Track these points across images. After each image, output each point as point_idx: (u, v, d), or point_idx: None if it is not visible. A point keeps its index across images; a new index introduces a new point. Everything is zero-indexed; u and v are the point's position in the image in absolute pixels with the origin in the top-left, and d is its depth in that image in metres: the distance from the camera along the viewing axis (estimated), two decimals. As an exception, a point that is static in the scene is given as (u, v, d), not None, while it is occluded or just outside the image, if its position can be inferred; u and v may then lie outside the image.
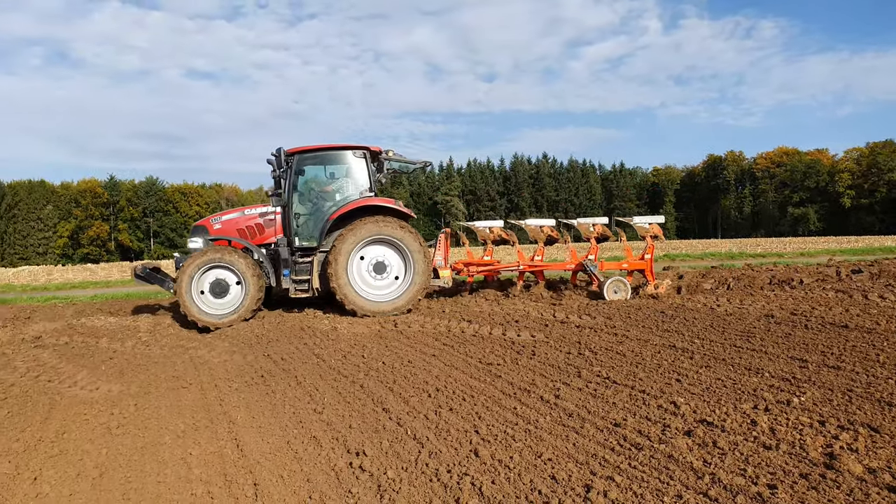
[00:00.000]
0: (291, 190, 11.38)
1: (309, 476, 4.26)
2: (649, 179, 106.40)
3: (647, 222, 12.37)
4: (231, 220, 11.70)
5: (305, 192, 11.75)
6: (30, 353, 8.59)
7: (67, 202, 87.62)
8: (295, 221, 11.43)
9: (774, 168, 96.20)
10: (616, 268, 12.60)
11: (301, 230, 11.47)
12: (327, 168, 12.09)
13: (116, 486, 4.16)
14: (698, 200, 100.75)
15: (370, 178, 11.50)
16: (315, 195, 11.82)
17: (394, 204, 11.41)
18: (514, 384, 6.12)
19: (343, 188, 11.75)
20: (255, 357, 8.07)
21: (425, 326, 9.54)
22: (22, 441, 5.06)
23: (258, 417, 5.57)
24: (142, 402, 6.17)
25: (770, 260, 23.08)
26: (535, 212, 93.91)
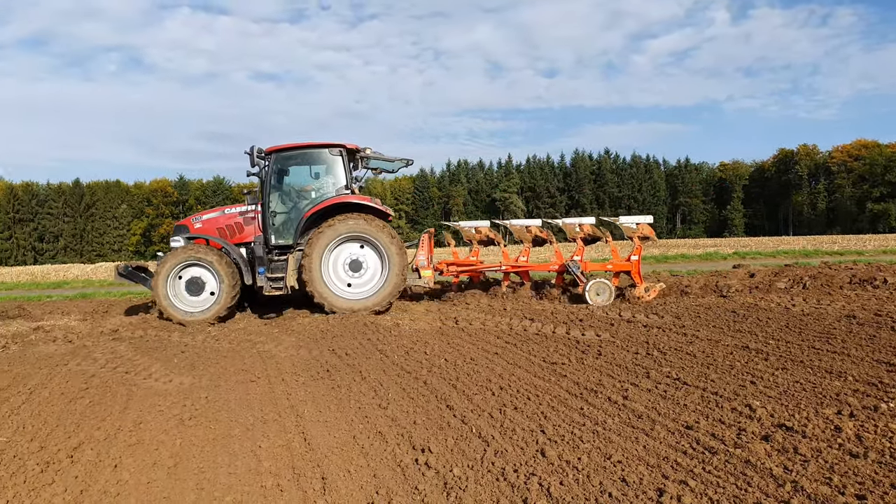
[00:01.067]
0: (269, 188, 11.43)
1: (375, 471, 4.28)
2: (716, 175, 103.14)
3: (635, 222, 11.98)
4: (211, 219, 11.92)
5: (283, 190, 11.75)
6: (108, 346, 8.96)
7: (140, 201, 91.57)
8: (271, 220, 11.45)
9: (852, 162, 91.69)
10: (601, 269, 12.37)
11: (277, 228, 11.50)
12: (304, 166, 12.11)
13: (190, 476, 4.27)
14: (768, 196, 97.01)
15: (347, 176, 11.45)
16: (292, 193, 11.82)
17: (370, 202, 11.30)
18: (580, 384, 6.01)
19: (320, 186, 11.75)
20: (320, 352, 8.20)
21: (486, 324, 9.48)
22: (103, 430, 5.27)
23: (324, 411, 5.64)
24: (212, 394, 6.34)
25: (849, 258, 21.99)
26: (596, 208, 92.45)
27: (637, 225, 11.89)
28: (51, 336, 10.03)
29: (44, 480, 4.23)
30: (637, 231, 11.83)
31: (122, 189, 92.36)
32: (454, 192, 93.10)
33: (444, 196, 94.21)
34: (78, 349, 8.79)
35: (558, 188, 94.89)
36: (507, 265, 12.81)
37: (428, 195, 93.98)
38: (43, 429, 5.33)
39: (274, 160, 11.44)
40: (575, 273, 11.72)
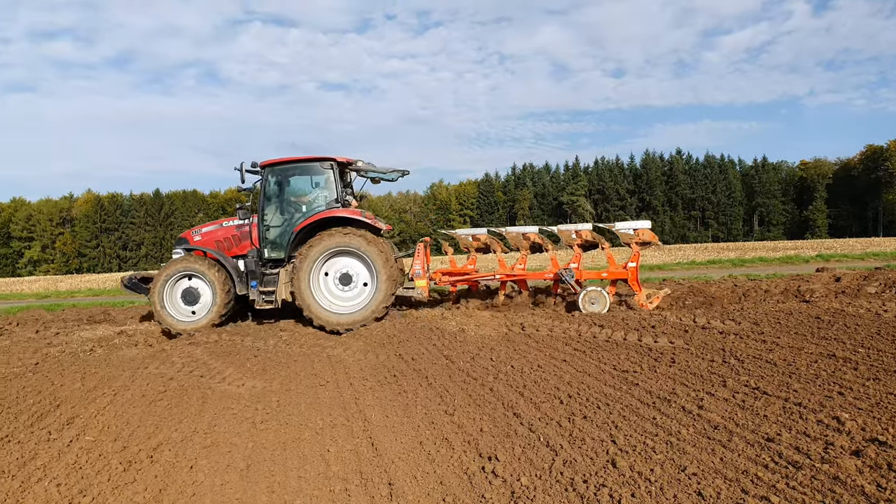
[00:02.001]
0: (263, 202, 11.48)
1: (442, 478, 4.26)
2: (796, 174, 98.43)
3: (632, 228, 11.46)
4: (210, 231, 12.00)
5: (276, 204, 11.73)
6: (185, 350, 9.30)
7: (216, 210, 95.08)
8: (265, 233, 11.47)
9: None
10: (596, 277, 11.84)
11: (270, 242, 11.49)
12: (297, 180, 12.04)
13: (262, 479, 4.37)
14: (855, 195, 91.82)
15: (337, 189, 11.30)
16: (285, 207, 11.78)
17: (360, 215, 11.09)
18: (653, 393, 5.82)
19: (312, 200, 11.70)
20: (387, 357, 8.26)
21: (554, 330, 9.33)
22: (180, 431, 5.46)
23: (391, 417, 5.66)
24: (283, 398, 6.48)
25: (945, 260, 20.58)
26: (669, 210, 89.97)
27: (634, 231, 11.41)
28: (133, 340, 10.53)
29: (126, 479, 4.41)
30: (634, 237, 11.35)
31: (199, 198, 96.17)
32: (520, 196, 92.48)
33: (509, 200, 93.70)
34: (157, 353, 9.17)
35: (628, 190, 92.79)
36: (502, 273, 12.48)
37: (493, 200, 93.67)
38: (126, 429, 5.56)
39: (268, 174, 11.50)
40: (568, 281, 11.40)
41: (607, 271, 11.77)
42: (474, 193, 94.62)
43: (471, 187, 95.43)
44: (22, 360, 8.98)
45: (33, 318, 14.18)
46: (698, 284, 13.98)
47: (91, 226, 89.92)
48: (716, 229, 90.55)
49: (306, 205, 11.70)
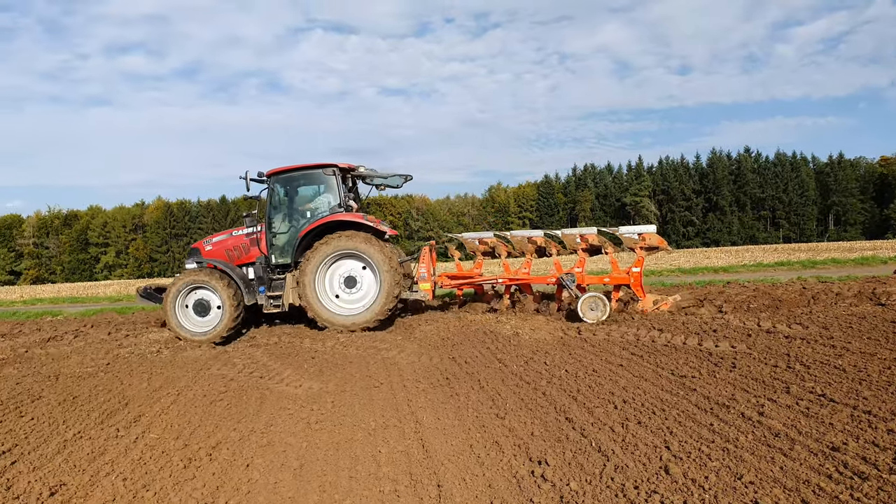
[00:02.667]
0: (270, 209, 11.79)
1: (491, 481, 4.25)
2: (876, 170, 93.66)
3: (637, 233, 11.20)
4: (220, 241, 12.32)
5: (282, 211, 12.02)
6: (246, 352, 9.59)
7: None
8: (272, 240, 11.77)
9: None
10: (599, 282, 11.72)
11: (277, 248, 11.78)
12: (301, 187, 12.25)
13: (314, 479, 4.45)
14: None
15: (340, 194, 11.57)
16: (291, 214, 12.03)
17: (362, 219, 11.26)
18: (711, 398, 5.64)
19: (316, 206, 11.92)
20: (440, 359, 8.30)
21: (611, 334, 9.17)
22: (238, 431, 5.63)
23: (443, 419, 5.68)
24: (338, 399, 6.59)
25: None
26: (737, 210, 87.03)
27: (639, 235, 11.15)
28: (197, 342, 10.91)
29: (186, 476, 4.58)
30: (639, 242, 11.09)
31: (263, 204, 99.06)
32: (581, 198, 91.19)
33: (569, 202, 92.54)
34: (219, 354, 9.48)
35: (694, 190, 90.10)
36: (504, 278, 12.39)
37: (553, 202, 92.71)
38: (187, 428, 5.77)
39: (274, 182, 11.84)
40: (569, 286, 11.22)
41: (610, 276, 11.64)
42: (533, 196, 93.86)
43: (530, 189, 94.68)
44: (94, 361, 9.45)
45: (106, 321, 14.89)
46: (764, 287, 13.50)
47: (161, 231, 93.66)
48: (787, 230, 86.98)
49: (311, 211, 11.96)
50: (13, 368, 9.22)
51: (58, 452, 5.22)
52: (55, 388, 7.73)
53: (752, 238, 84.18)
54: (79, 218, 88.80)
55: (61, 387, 7.76)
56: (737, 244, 77.84)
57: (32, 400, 7.11)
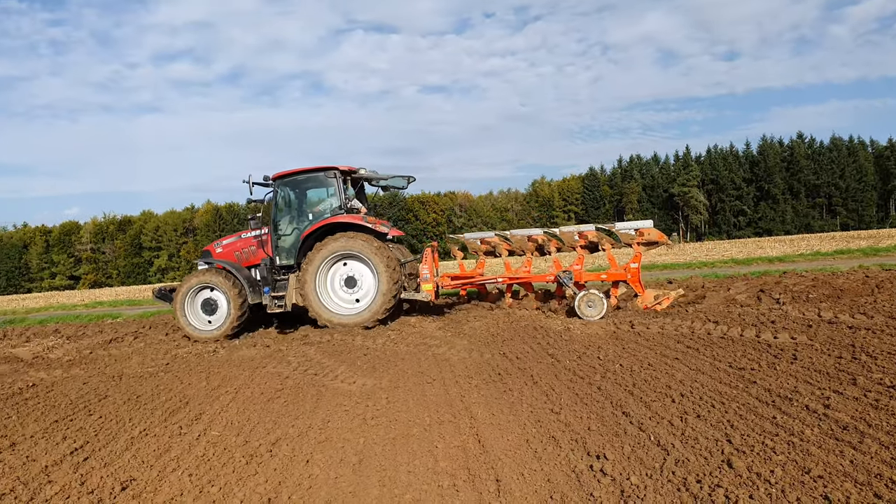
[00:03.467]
0: (275, 211, 12.14)
1: (549, 476, 4.23)
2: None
3: (633, 228, 11.18)
4: (230, 243, 12.82)
5: (287, 213, 12.40)
6: (299, 350, 9.75)
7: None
8: (277, 241, 12.16)
9: None
10: (596, 279, 11.69)
11: (282, 249, 12.15)
12: (304, 190, 12.57)
13: (373, 473, 4.51)
14: None
15: (342, 196, 11.85)
16: (293, 216, 12.38)
17: (362, 221, 11.50)
18: (772, 391, 5.49)
19: (319, 208, 12.27)
20: (491, 355, 8.29)
21: (665, 328, 9.01)
22: (296, 427, 5.74)
23: (497, 414, 5.68)
24: (392, 395, 6.65)
25: None
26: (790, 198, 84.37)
27: (636, 231, 11.14)
28: (252, 341, 11.18)
29: (248, 471, 4.69)
30: (636, 238, 11.10)
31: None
32: (627, 189, 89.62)
33: (615, 194, 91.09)
34: (274, 353, 9.67)
35: (744, 179, 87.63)
36: (504, 277, 12.42)
37: (598, 194, 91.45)
38: (247, 425, 5.91)
39: (278, 185, 12.17)
40: (567, 284, 11.29)
41: (607, 273, 11.64)
42: (578, 189, 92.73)
43: (574, 182, 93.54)
44: (154, 361, 9.76)
45: (163, 322, 15.34)
46: (824, 276, 13.08)
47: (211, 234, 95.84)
48: (845, 217, 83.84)
49: (313, 213, 12.32)
50: (80, 369, 9.59)
51: (126, 449, 5.41)
52: (119, 387, 8.01)
53: (808, 226, 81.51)
54: (132, 223, 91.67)
55: (125, 386, 8.03)
56: (791, 233, 75.44)
57: (99, 399, 7.38)
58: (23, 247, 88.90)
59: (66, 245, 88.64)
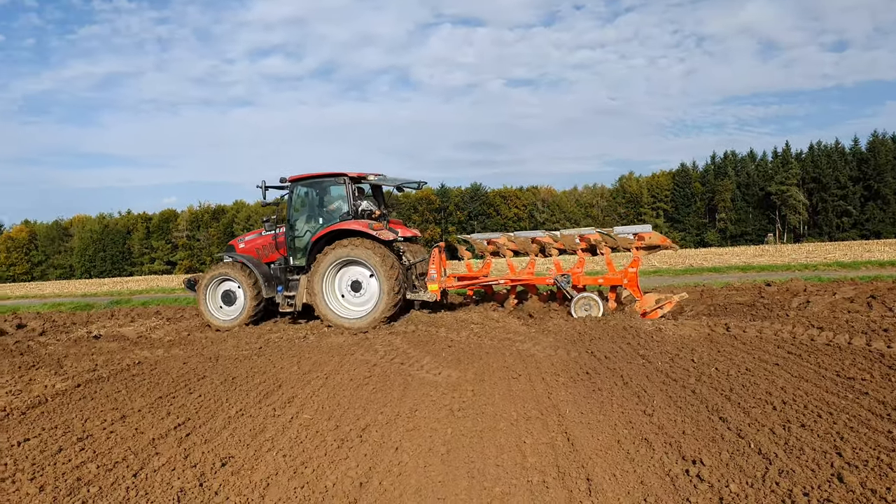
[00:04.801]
0: (290, 213, 12.75)
1: (642, 478, 4.10)
2: None
3: (632, 233, 11.20)
4: (251, 240, 13.54)
5: (300, 215, 13.00)
6: (386, 339, 9.91)
7: (408, 209, 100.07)
8: (290, 242, 12.79)
9: None
10: (593, 283, 11.69)
11: (295, 250, 12.77)
12: (317, 194, 13.06)
13: (461, 464, 4.51)
14: None
15: (350, 202, 12.35)
16: (306, 218, 12.96)
17: (365, 228, 11.82)
18: (888, 404, 5.12)
19: (329, 212, 12.81)
20: (578, 353, 8.14)
21: (763, 332, 8.58)
22: (384, 415, 5.83)
23: (586, 413, 5.57)
24: (478, 388, 6.65)
25: None
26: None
27: (635, 236, 11.13)
28: (339, 329, 11.44)
29: (340, 455, 4.80)
30: (635, 242, 11.09)
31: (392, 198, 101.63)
32: (720, 187, 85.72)
33: (707, 191, 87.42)
34: (361, 341, 9.87)
35: (851, 177, 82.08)
36: (507, 278, 12.52)
37: (689, 191, 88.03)
38: (337, 410, 6.06)
39: (293, 187, 12.76)
40: (564, 287, 11.37)
41: (604, 277, 11.65)
42: (668, 185, 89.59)
43: (664, 179, 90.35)
44: (248, 345, 10.17)
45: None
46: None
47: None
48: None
49: (324, 216, 12.84)
50: (180, 350, 10.13)
51: (224, 427, 5.65)
52: (216, 368, 8.39)
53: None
54: (225, 212, 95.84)
55: (221, 368, 8.41)
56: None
57: (198, 379, 7.75)
58: (126, 232, 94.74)
59: (164, 232, 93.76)
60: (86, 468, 4.68)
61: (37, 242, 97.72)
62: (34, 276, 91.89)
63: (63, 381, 7.75)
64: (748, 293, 13.42)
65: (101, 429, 5.70)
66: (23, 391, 7.24)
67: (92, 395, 7.05)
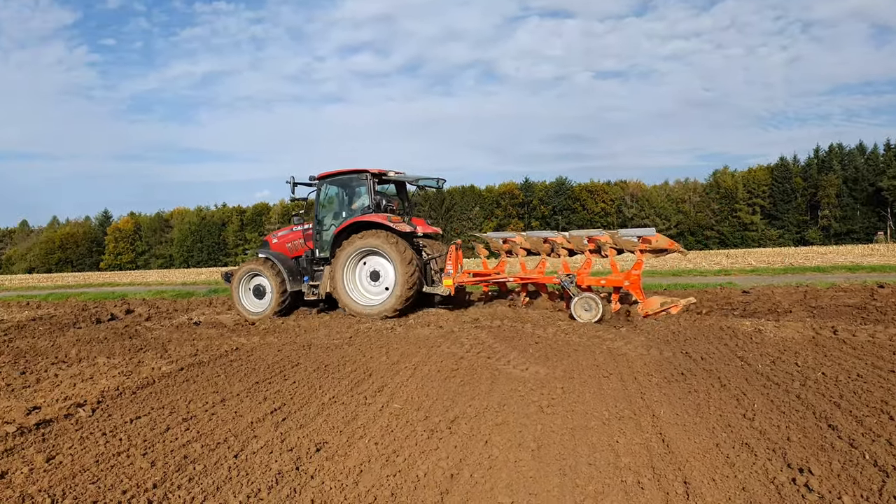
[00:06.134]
0: (318, 208, 13.60)
1: (744, 484, 3.92)
2: None
3: (636, 235, 11.30)
4: (284, 235, 14.45)
5: (326, 210, 13.77)
6: (471, 333, 9.93)
7: (490, 203, 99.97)
8: (316, 235, 13.63)
9: None
10: (595, 284, 11.74)
11: (323, 243, 13.51)
12: (341, 190, 13.79)
13: (552, 461, 4.45)
14: None
15: (371, 197, 12.98)
16: (332, 213, 13.74)
17: (384, 221, 12.43)
18: None
19: (352, 207, 13.54)
20: (672, 353, 7.88)
21: (876, 336, 8.02)
22: (473, 408, 5.84)
23: (682, 415, 5.37)
24: (567, 385, 6.54)
25: None
26: None
27: (639, 238, 11.21)
28: (425, 321, 11.60)
29: (430, 446, 4.84)
30: (639, 245, 11.20)
31: (476, 193, 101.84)
32: (825, 182, 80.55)
33: (810, 187, 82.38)
34: (447, 334, 9.93)
35: (974, 172, 75.31)
36: (517, 276, 12.78)
37: (789, 187, 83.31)
38: (426, 401, 6.12)
39: (321, 184, 13.51)
40: (567, 288, 11.52)
41: (606, 279, 11.72)
42: (766, 180, 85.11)
43: (762, 173, 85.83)
44: (339, 334, 10.43)
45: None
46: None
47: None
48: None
49: (347, 210, 13.56)
50: (274, 337, 10.52)
51: (318, 413, 5.82)
52: (309, 356, 8.66)
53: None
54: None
55: (314, 356, 8.67)
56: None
57: (292, 366, 8.02)
58: (221, 224, 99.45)
59: (257, 224, 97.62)
60: (191, 447, 4.93)
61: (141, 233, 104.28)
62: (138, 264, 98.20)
63: (168, 364, 8.20)
64: (858, 295, 12.67)
65: (204, 410, 5.99)
66: (133, 372, 7.71)
67: (194, 378, 7.43)
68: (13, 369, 8.11)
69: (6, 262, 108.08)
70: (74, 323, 13.42)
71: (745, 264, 24.78)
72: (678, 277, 20.87)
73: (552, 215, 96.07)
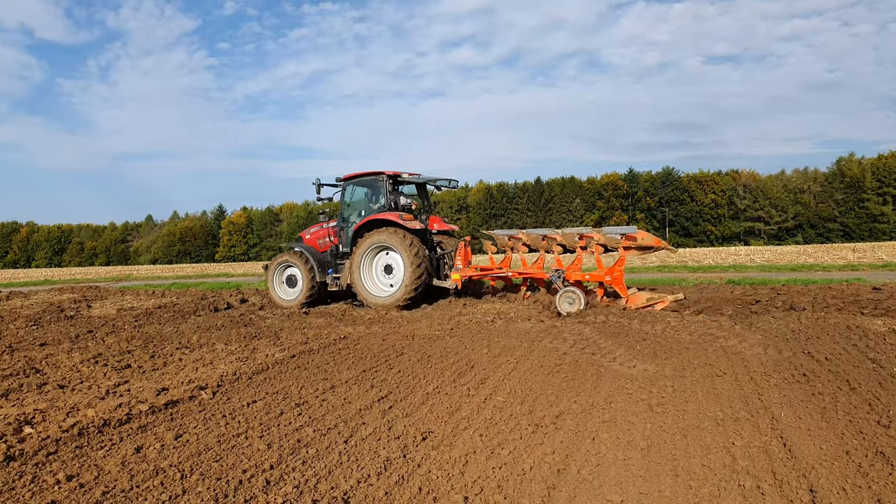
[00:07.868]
0: (343, 207, 14.91)
1: (879, 496, 3.62)
2: None
3: (619, 233, 11.71)
4: (315, 232, 15.82)
5: (349, 208, 15.01)
6: (574, 328, 9.74)
7: (592, 195, 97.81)
8: (340, 232, 14.94)
9: None
10: (581, 279, 12.20)
11: (343, 239, 14.83)
12: (361, 190, 15.05)
13: (664, 461, 4.29)
14: None
15: (387, 197, 14.18)
16: (353, 211, 14.98)
17: (396, 219, 13.47)
18: None
19: (370, 206, 14.76)
20: (792, 353, 7.39)
21: None
22: (578, 404, 5.72)
23: (804, 419, 5.03)
24: (677, 384, 6.29)
25: None
26: None
27: (622, 236, 11.57)
28: (526, 314, 11.50)
29: (535, 440, 4.79)
30: (622, 242, 11.56)
31: (577, 184, 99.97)
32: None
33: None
34: (549, 328, 9.79)
35: None
36: (515, 272, 13.36)
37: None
38: (529, 395, 6.06)
39: (345, 185, 14.85)
40: (556, 283, 12.16)
41: (590, 274, 12.20)
42: (894, 173, 78.36)
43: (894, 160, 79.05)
44: (441, 325, 10.53)
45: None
46: None
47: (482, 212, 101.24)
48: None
49: (366, 209, 14.83)
50: (378, 327, 10.78)
51: (423, 403, 5.90)
52: (412, 346, 8.80)
53: None
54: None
55: (417, 346, 8.80)
56: None
57: (397, 355, 8.18)
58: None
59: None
60: (304, 431, 5.13)
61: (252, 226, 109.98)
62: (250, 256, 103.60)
63: (280, 351, 8.58)
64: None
65: (315, 397, 6.22)
66: (248, 359, 8.12)
67: (305, 365, 7.73)
68: (144, 353, 8.76)
69: (134, 254, 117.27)
70: (195, 311, 14.33)
71: (875, 259, 22.94)
72: (796, 272, 19.60)
73: (658, 207, 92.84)
